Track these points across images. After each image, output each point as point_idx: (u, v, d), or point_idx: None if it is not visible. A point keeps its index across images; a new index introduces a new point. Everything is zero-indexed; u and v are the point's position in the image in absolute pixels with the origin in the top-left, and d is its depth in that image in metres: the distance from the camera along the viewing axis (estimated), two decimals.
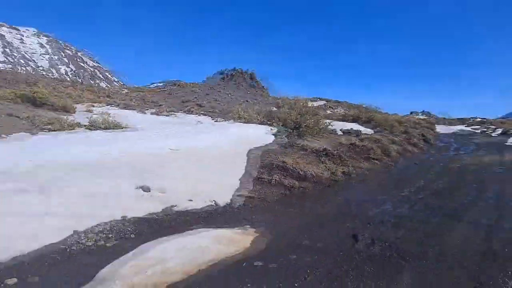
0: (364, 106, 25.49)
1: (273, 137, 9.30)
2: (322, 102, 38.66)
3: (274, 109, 16.15)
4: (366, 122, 12.88)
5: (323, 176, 6.86)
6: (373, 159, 8.90)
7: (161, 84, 34.96)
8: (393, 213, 4.52)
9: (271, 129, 10.16)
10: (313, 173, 6.75)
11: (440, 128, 24.02)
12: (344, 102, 38.06)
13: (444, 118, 35.86)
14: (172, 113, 14.09)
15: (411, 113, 43.46)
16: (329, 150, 8.23)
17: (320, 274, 2.78)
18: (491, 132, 21.00)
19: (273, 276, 2.74)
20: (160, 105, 16.44)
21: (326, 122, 10.92)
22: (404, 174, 7.50)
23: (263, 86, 38.61)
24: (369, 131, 12.29)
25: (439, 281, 2.70)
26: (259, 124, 10.89)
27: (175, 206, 4.40)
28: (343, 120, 13.72)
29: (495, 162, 8.69)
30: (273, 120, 10.93)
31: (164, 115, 13.44)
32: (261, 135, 9.33)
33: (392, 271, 2.85)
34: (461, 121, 33.55)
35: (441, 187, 6.09)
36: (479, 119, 36.53)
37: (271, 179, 6.15)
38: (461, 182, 6.47)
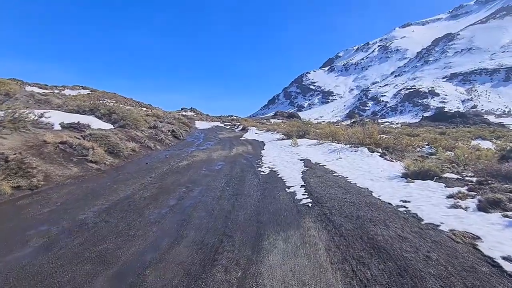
0: (131, 98, 23.22)
1: None
2: (85, 91, 33.77)
3: None
4: (106, 115, 10.63)
5: None
6: (90, 161, 6.86)
7: None
8: (28, 263, 2.62)
9: None
10: None
11: (200, 124, 26.15)
12: (112, 93, 34.56)
13: (207, 115, 40.43)
14: None
15: (182, 108, 45.99)
16: (3, 153, 5.33)
17: None
18: (235, 128, 25.15)
19: None
20: None
21: (33, 113, 7.68)
22: (119, 179, 5.91)
23: None
24: (107, 125, 10.17)
25: None
26: None
27: None
28: (77, 112, 10.74)
29: (221, 157, 9.11)
30: None
31: None
32: None
33: None
34: (220, 118, 39.12)
35: (149, 194, 4.89)
36: (234, 117, 44.20)
37: None
38: (174, 183, 5.61)
